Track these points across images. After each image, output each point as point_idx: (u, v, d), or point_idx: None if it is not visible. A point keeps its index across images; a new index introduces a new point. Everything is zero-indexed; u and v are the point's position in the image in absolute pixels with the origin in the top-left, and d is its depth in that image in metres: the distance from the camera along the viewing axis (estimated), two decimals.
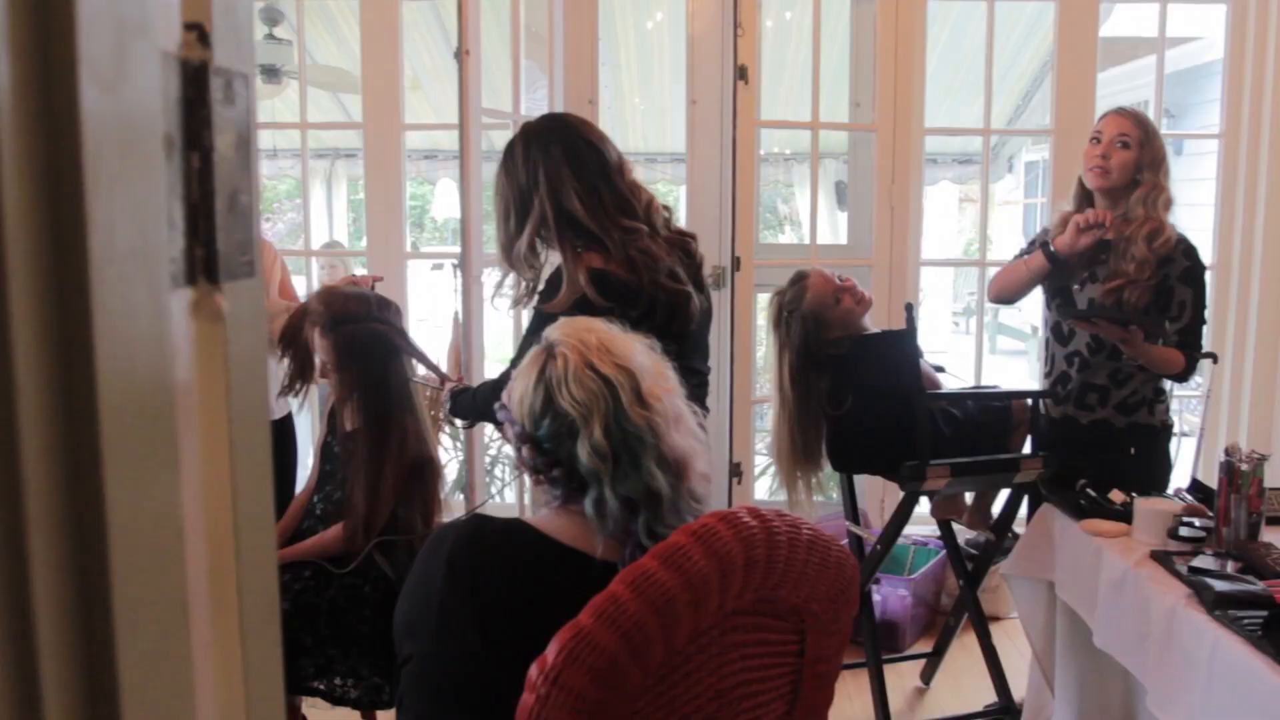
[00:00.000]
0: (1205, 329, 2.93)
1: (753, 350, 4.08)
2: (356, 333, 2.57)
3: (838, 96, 4.41)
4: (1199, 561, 2.23)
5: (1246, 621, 1.93)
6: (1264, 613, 1.92)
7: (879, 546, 2.99)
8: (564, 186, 2.16)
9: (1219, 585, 2.06)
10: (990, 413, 3.01)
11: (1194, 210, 4.92)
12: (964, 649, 3.47)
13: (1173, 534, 2.37)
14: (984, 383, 3.86)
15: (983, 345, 4.47)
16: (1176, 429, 4.41)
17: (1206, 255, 4.17)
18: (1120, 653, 2.30)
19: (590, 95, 4.27)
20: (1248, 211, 4.10)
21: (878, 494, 4.19)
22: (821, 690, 1.51)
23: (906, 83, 4.08)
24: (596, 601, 1.20)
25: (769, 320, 3.08)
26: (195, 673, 0.59)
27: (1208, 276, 4.24)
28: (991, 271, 3.36)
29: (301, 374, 2.71)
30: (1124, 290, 2.77)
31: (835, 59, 4.60)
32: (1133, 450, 2.92)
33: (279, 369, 2.81)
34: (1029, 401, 2.99)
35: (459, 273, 3.71)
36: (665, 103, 6.36)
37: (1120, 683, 2.58)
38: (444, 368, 3.80)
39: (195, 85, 0.60)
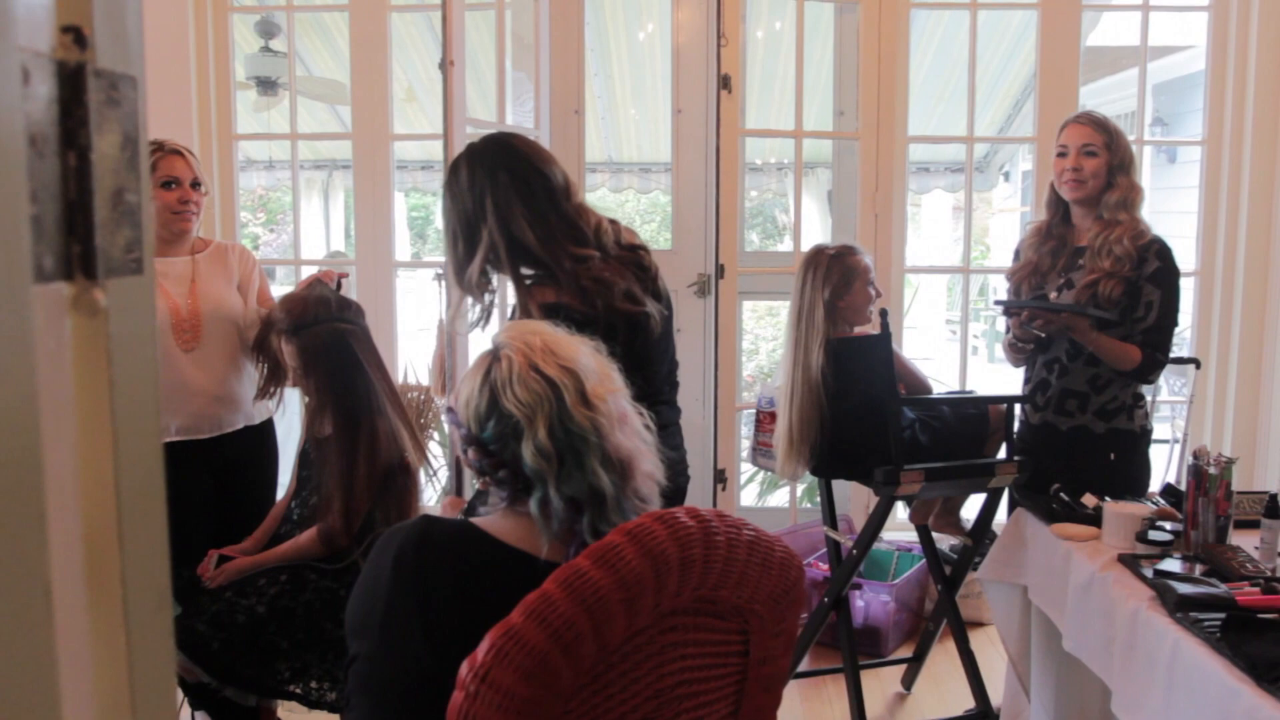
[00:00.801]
0: (1184, 334, 2.94)
1: (737, 358, 4.09)
2: (319, 335, 2.60)
3: (825, 106, 4.43)
4: (1165, 564, 2.24)
5: (1207, 623, 1.93)
6: (1224, 615, 1.93)
7: (855, 552, 3.00)
8: (513, 216, 2.12)
9: (1181, 588, 2.06)
10: (966, 418, 3.02)
11: (1185, 218, 4.93)
12: (946, 654, 3.48)
13: (1141, 537, 2.38)
14: (966, 389, 3.87)
15: (967, 352, 4.48)
16: (1169, 436, 4.43)
17: (1189, 261, 4.19)
18: (1088, 656, 2.31)
19: (576, 105, 4.30)
20: (1230, 218, 4.11)
21: (863, 500, 4.20)
22: (768, 691, 1.53)
23: (889, 91, 4.10)
24: (528, 600, 1.22)
25: (803, 261, 3.04)
26: (61, 661, 0.61)
27: (1190, 282, 4.26)
28: (975, 279, 3.39)
29: (274, 379, 2.74)
30: (1099, 284, 2.79)
31: (823, 69, 4.62)
32: (1112, 456, 2.93)
33: (260, 375, 2.84)
34: (1004, 407, 3.00)
35: (442, 282, 3.74)
36: (658, 113, 6.39)
37: (1095, 687, 2.58)
38: (429, 377, 3.83)
39: (71, 86, 0.62)
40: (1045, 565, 2.59)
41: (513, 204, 2.12)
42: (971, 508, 3.26)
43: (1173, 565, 2.24)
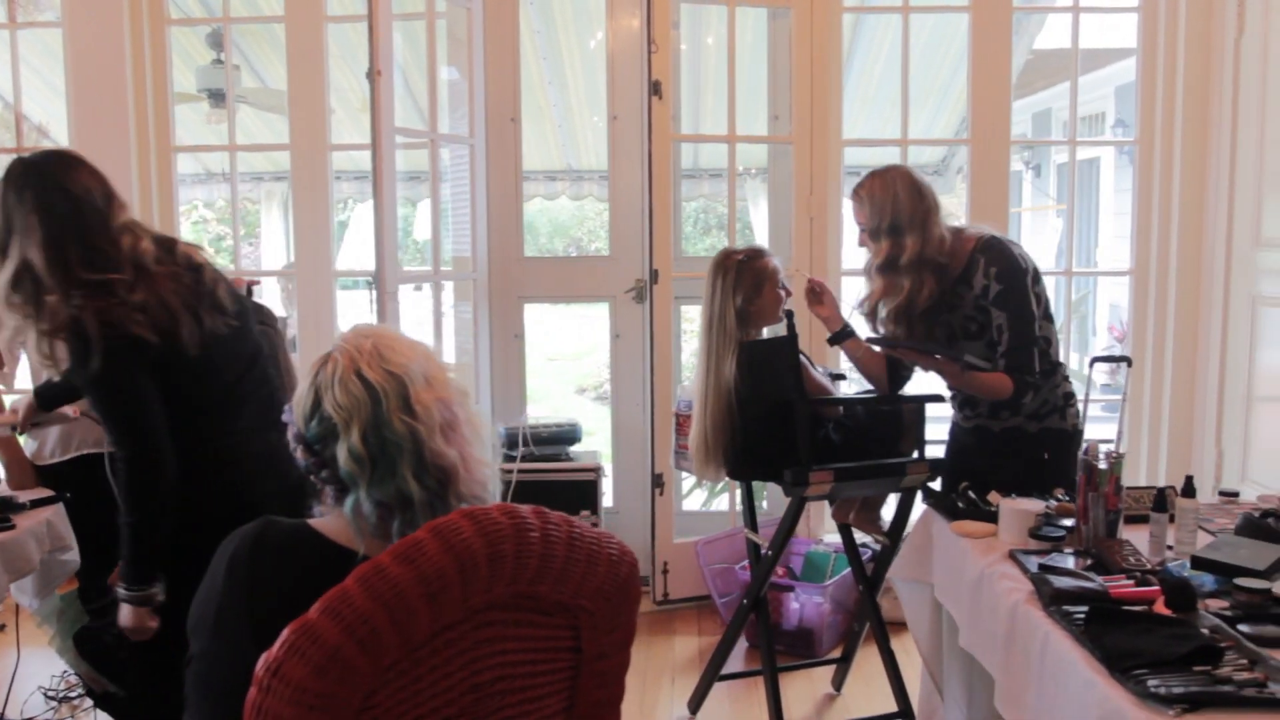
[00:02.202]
0: (1065, 339, 2.94)
1: (673, 362, 4.11)
2: None
3: (761, 110, 4.46)
4: (1051, 559, 2.26)
5: (1076, 616, 1.95)
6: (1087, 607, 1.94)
7: (769, 553, 3.01)
8: (30, 239, 2.11)
9: (1059, 582, 2.08)
10: (880, 417, 3.04)
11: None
12: (877, 654, 3.48)
13: (1034, 533, 2.40)
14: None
15: None
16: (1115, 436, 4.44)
17: (1124, 260, 4.22)
18: (980, 652, 2.32)
19: (513, 113, 4.33)
20: (1163, 217, 4.14)
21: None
22: (606, 687, 1.54)
23: (822, 95, 4.13)
24: (326, 596, 1.24)
25: (712, 266, 3.05)
26: None
27: (1125, 281, 4.29)
28: None
29: None
30: (953, 325, 2.84)
31: (758, 74, 4.64)
32: (1046, 455, 2.94)
33: None
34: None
35: (374, 289, 3.75)
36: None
37: None
38: None
39: None
40: (948, 563, 2.61)
41: (31, 226, 2.12)
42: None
43: (1059, 560, 2.25)
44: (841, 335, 2.99)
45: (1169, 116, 4.09)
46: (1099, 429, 3.30)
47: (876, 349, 2.96)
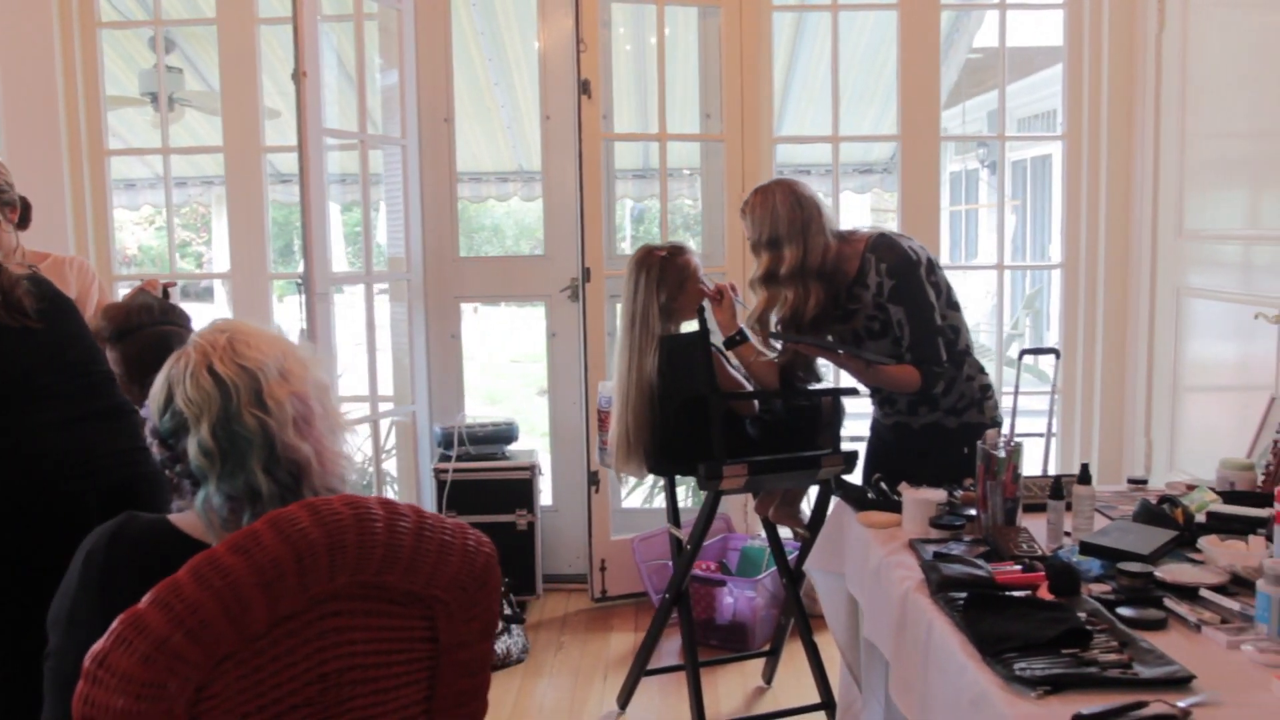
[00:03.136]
0: (968, 331, 2.96)
1: (607, 360, 4.12)
2: (141, 340, 2.60)
3: (694, 109, 4.48)
4: (947, 547, 2.28)
5: (959, 602, 1.97)
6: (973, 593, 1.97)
7: (689, 547, 3.03)
8: None
9: (947, 569, 2.10)
10: (800, 413, 3.06)
11: None
12: None
13: (935, 522, 2.42)
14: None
15: None
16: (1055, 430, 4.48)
17: (1055, 253, 4.25)
18: (878, 640, 2.35)
19: (446, 114, 4.34)
20: (1091, 210, 4.18)
21: (740, 499, 4.24)
22: (470, 676, 1.55)
23: (753, 93, 4.16)
24: (157, 587, 1.25)
25: (632, 263, 3.06)
26: None
27: (1056, 275, 4.32)
28: None
29: None
30: (857, 324, 2.87)
31: (690, 73, 4.66)
32: (966, 449, 2.97)
33: None
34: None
35: (303, 291, 3.75)
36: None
37: None
38: None
39: None
40: (855, 553, 2.63)
41: None
42: None
43: (955, 548, 2.28)
44: (734, 341, 3.02)
45: (1095, 111, 4.13)
46: (1035, 422, 3.34)
47: (771, 355, 2.99)
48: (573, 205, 4.19)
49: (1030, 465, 3.12)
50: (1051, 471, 3.04)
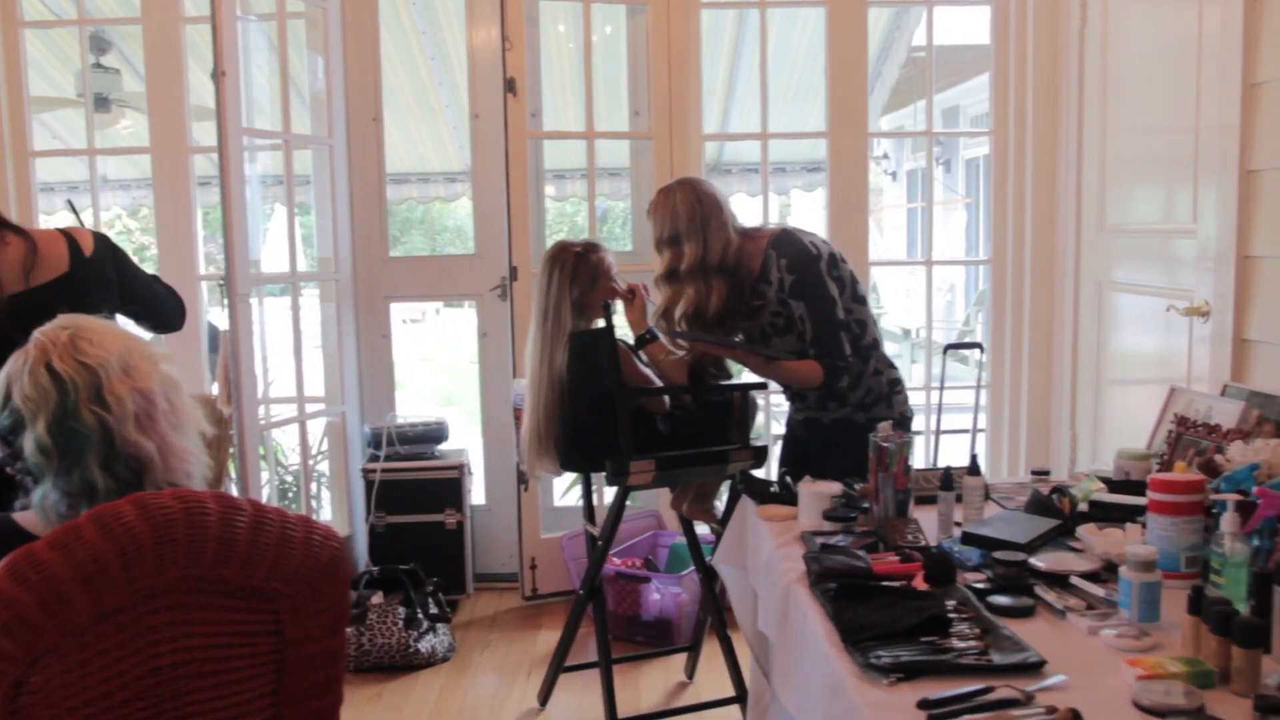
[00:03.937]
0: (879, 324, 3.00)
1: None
2: None
3: (623, 107, 4.49)
4: (834, 539, 2.30)
5: (833, 593, 1.99)
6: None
7: (600, 543, 3.04)
8: None
9: (827, 560, 2.12)
10: (711, 408, 3.08)
11: None
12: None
13: (828, 515, 2.44)
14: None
15: None
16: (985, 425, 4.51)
17: (981, 249, 4.29)
18: (770, 632, 2.36)
19: (374, 113, 4.33)
20: (1017, 205, 4.22)
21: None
22: (320, 669, 1.56)
23: (681, 90, 4.17)
24: None
25: (546, 258, 3.07)
26: None
27: (982, 270, 4.36)
28: None
29: None
30: (763, 321, 2.88)
31: (618, 71, 4.67)
32: None
33: None
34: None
35: (225, 292, 3.74)
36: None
37: None
38: (216, 387, 3.82)
39: None
40: (756, 547, 2.65)
41: None
42: None
43: (841, 540, 2.30)
44: (644, 339, 3.04)
45: (1021, 107, 4.17)
46: (966, 418, 3.36)
47: (680, 353, 3.01)
48: (502, 204, 4.19)
49: (959, 459, 3.17)
50: (982, 466, 3.08)
